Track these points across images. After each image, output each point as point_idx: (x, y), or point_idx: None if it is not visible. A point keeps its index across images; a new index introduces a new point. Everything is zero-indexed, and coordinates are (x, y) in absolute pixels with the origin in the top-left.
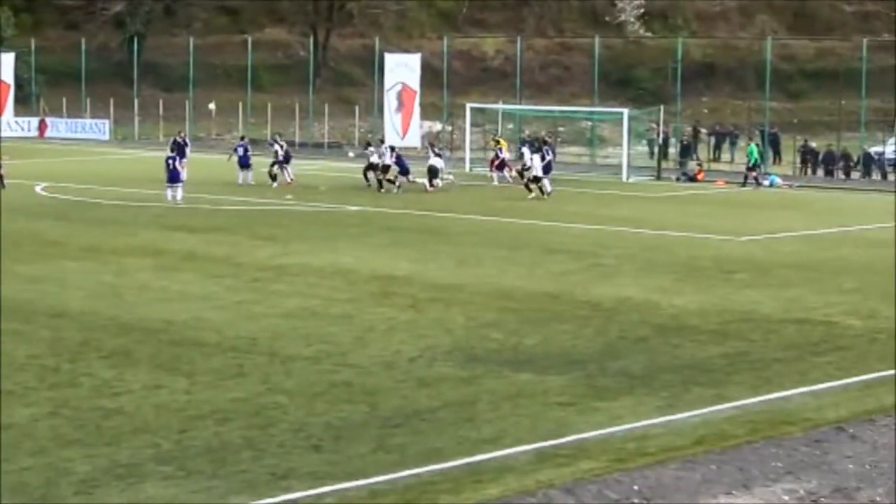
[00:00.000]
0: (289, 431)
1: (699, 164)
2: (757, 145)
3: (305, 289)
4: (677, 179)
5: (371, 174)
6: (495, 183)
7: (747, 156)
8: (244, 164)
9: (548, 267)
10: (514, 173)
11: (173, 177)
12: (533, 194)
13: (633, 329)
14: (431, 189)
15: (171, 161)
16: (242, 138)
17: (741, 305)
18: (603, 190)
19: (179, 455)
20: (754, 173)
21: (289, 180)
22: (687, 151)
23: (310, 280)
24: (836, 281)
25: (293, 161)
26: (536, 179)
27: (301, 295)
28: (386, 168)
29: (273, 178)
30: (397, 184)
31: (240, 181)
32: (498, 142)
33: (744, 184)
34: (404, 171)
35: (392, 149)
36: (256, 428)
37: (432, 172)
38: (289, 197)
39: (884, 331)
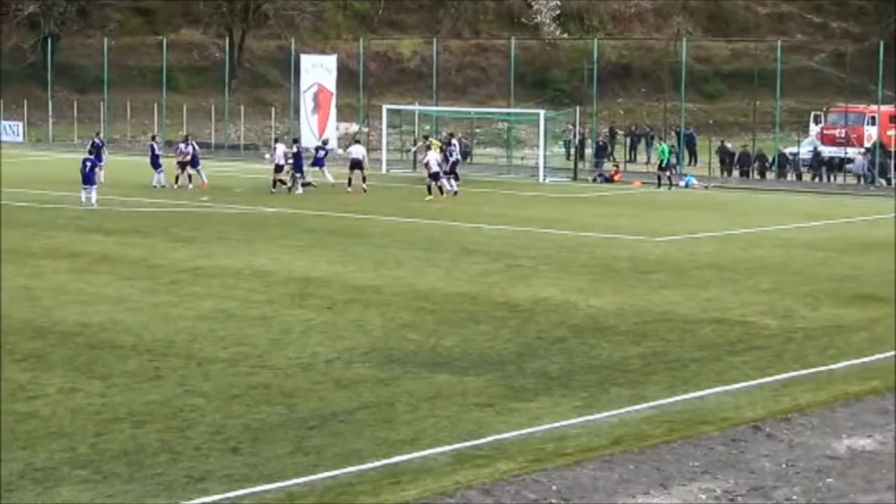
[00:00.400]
0: (206, 434)
1: (615, 165)
2: (671, 146)
3: (222, 291)
4: (594, 180)
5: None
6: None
7: (659, 156)
8: (156, 165)
9: (465, 268)
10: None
11: (88, 179)
12: (431, 195)
13: (550, 330)
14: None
15: (87, 163)
16: (153, 138)
17: (658, 306)
18: (520, 191)
19: (95, 458)
20: (668, 173)
21: (203, 181)
22: (603, 152)
23: (227, 282)
24: (752, 281)
25: (211, 163)
26: (435, 177)
27: (218, 297)
28: (278, 168)
29: (190, 178)
30: (288, 184)
31: (153, 183)
32: (430, 145)
33: (658, 184)
34: (298, 169)
35: (295, 146)
36: (173, 430)
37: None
38: (205, 199)
39: (799, 330)
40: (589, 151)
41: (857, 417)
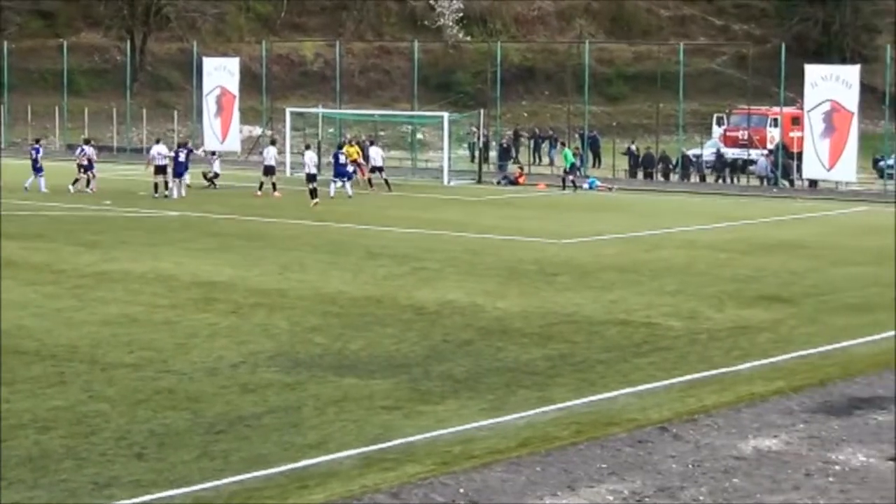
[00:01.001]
0: (111, 439)
1: (520, 168)
2: (576, 149)
3: (126, 295)
4: (498, 183)
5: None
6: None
7: (563, 160)
8: (36, 168)
9: (371, 271)
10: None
11: None
12: (316, 200)
13: (456, 332)
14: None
15: None
16: (37, 141)
17: (563, 308)
18: (424, 193)
19: None
20: (571, 176)
21: (91, 190)
22: (507, 155)
23: (131, 286)
24: (656, 282)
25: (114, 166)
26: (311, 178)
27: (122, 302)
28: (159, 169)
29: (87, 183)
30: (169, 188)
31: (27, 184)
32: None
33: (563, 187)
34: (178, 173)
35: (185, 150)
36: (78, 436)
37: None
38: (107, 202)
39: (704, 331)
40: (493, 154)
41: (762, 418)
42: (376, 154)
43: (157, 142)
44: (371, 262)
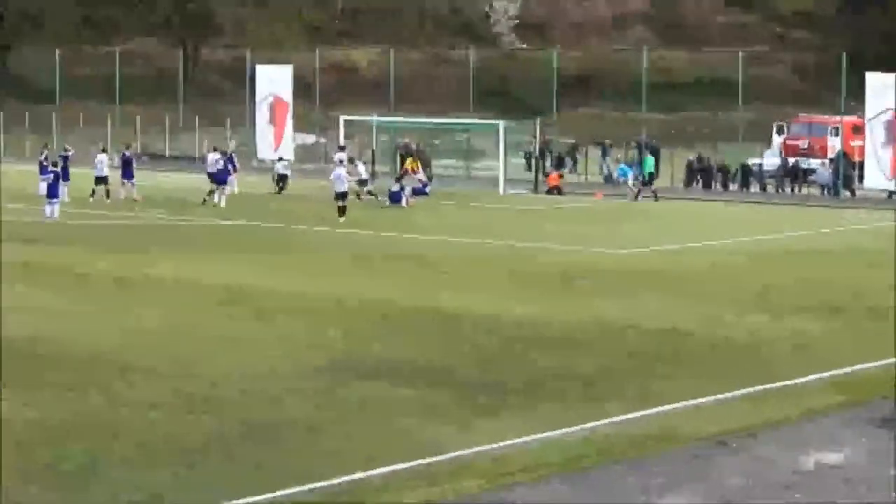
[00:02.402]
0: (132, 446)
1: (559, 174)
2: (652, 156)
3: (147, 300)
4: (548, 192)
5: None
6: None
7: (641, 168)
8: (64, 177)
9: (417, 279)
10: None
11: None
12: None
13: (498, 341)
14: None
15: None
16: (64, 149)
17: (618, 317)
18: (478, 202)
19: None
20: (652, 187)
21: (134, 197)
22: (561, 164)
23: (155, 293)
24: (713, 292)
25: (164, 175)
26: (340, 196)
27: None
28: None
29: (92, 192)
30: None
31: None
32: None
33: (636, 197)
34: (219, 180)
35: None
36: (99, 443)
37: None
38: (158, 214)
39: (764, 343)
40: (549, 163)
41: (824, 432)
42: (362, 169)
43: (214, 150)
44: (399, 266)
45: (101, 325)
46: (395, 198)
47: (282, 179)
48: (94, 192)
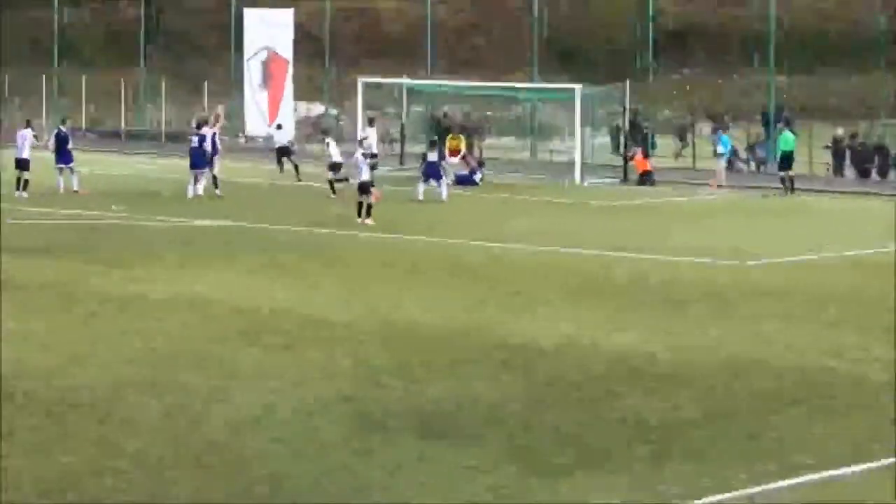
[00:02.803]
0: None
1: (643, 152)
2: (792, 132)
3: (153, 325)
4: (640, 181)
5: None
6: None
7: (779, 147)
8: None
9: (461, 297)
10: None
11: None
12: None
13: (568, 375)
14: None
15: None
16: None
17: (721, 347)
18: (547, 196)
19: None
20: (791, 173)
21: (74, 188)
22: (652, 144)
23: (157, 314)
24: (853, 316)
25: (122, 158)
26: (363, 188)
27: (147, 333)
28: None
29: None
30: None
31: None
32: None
33: (791, 188)
34: (196, 164)
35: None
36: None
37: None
38: (115, 208)
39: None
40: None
41: None
42: (335, 150)
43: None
44: (457, 283)
45: (87, 359)
46: (463, 180)
47: (283, 154)
48: (21, 182)
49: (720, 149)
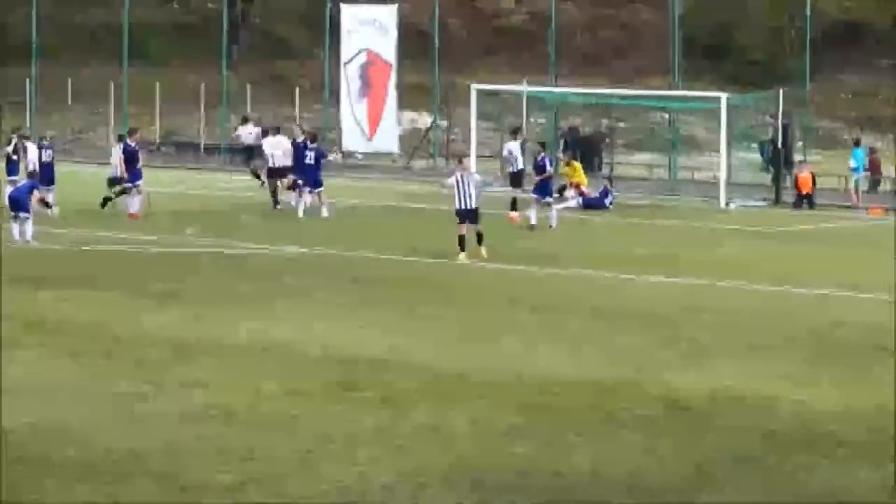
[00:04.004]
0: None
1: (809, 171)
2: None
3: (219, 376)
4: (796, 203)
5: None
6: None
7: None
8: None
9: (601, 342)
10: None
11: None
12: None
13: (738, 439)
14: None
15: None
16: (43, 140)
17: None
18: (688, 221)
19: None
20: None
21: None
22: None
23: (226, 362)
24: None
25: (199, 175)
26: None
27: (213, 386)
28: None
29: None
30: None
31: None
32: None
33: None
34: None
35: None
36: None
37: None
38: (189, 231)
39: None
40: (799, 158)
41: None
42: (276, 147)
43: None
44: (600, 326)
45: (146, 413)
46: (593, 203)
47: (250, 157)
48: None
49: (852, 163)
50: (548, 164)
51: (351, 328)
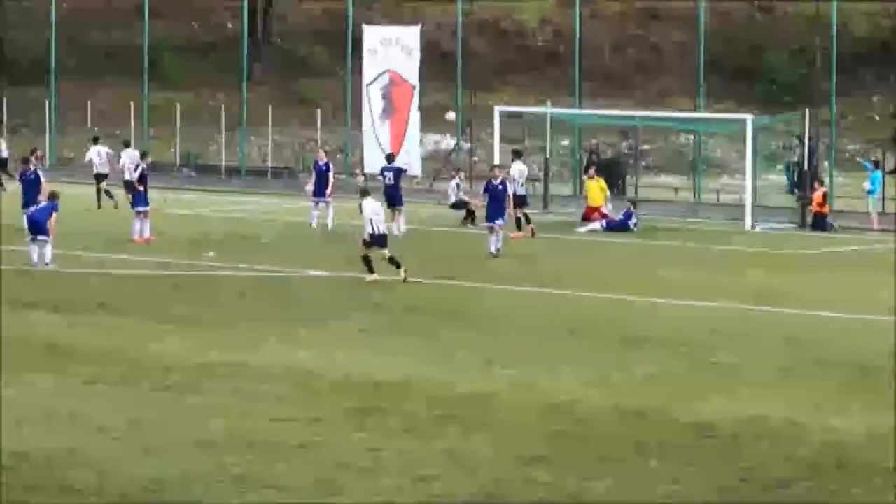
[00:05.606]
0: None
1: (823, 190)
2: None
3: (239, 402)
4: (813, 224)
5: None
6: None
7: None
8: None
9: (627, 368)
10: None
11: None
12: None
13: (767, 466)
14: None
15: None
16: (32, 156)
17: None
18: (715, 244)
19: None
20: None
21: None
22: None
23: (246, 387)
24: None
25: (220, 197)
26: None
27: (232, 412)
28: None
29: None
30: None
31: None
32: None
33: None
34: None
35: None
36: None
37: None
38: (210, 254)
39: None
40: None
41: None
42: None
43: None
44: (627, 352)
45: (164, 442)
46: (616, 225)
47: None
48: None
49: (867, 185)
50: (508, 187)
51: (371, 353)
